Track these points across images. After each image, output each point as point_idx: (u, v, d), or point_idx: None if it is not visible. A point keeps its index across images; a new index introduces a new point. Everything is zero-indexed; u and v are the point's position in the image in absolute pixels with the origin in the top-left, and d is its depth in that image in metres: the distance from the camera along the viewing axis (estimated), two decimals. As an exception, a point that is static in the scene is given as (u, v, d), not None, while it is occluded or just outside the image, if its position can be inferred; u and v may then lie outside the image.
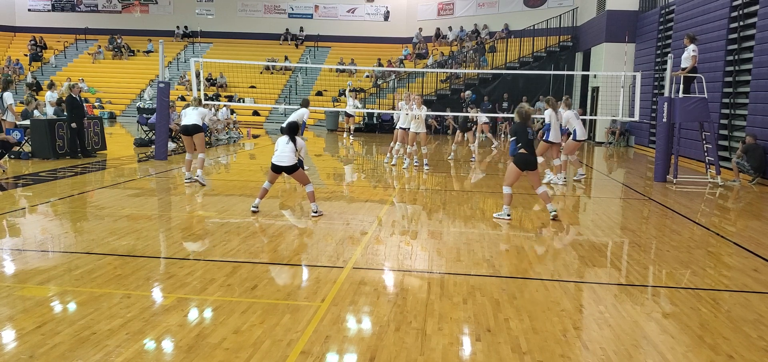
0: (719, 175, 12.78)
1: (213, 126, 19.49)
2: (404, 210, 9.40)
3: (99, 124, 15.66)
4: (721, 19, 15.96)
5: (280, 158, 8.25)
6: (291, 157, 8.21)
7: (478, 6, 33.07)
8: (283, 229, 7.66)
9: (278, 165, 8.27)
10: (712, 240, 7.84)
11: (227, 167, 14.59)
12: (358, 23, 35.95)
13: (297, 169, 8.37)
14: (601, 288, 5.71)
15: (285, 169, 8.29)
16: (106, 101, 31.08)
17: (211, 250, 6.59)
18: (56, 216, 8.27)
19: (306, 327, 4.47)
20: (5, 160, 12.19)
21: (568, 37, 27.66)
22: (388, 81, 29.96)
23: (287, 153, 8.22)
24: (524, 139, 8.21)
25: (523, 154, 8.20)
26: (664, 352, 4.23)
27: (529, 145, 8.25)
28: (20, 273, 5.66)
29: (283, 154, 8.24)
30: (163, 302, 4.95)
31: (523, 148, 8.19)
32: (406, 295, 5.24)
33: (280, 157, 8.25)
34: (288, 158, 8.21)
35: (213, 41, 35.90)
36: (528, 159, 8.25)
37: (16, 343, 4.09)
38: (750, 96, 14.21)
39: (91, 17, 37.56)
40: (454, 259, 6.49)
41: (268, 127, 27.85)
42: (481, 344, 4.27)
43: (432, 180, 12.52)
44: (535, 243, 7.30)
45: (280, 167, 8.28)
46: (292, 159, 8.23)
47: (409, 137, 14.03)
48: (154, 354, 4.01)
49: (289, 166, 8.26)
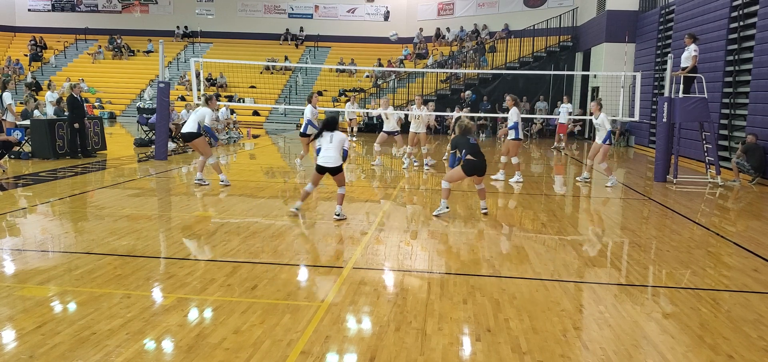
0: (719, 174, 12.78)
1: (213, 125, 19.49)
2: (404, 210, 9.40)
3: (99, 124, 15.66)
4: (721, 19, 15.96)
5: (327, 159, 7.92)
6: (337, 157, 7.92)
7: (478, 6, 33.08)
8: (283, 229, 7.66)
9: (324, 166, 7.96)
10: (712, 240, 7.84)
11: (227, 167, 14.58)
12: (358, 23, 35.96)
13: (342, 169, 8.10)
14: (601, 288, 5.71)
15: (331, 170, 7.98)
16: (106, 101, 31.08)
17: (211, 250, 6.60)
18: (56, 216, 8.27)
19: (306, 327, 4.47)
20: (5, 160, 12.19)
21: (568, 37, 27.67)
22: (388, 81, 29.96)
23: (333, 153, 7.92)
24: (468, 148, 8.26)
25: (471, 161, 8.25)
26: (664, 352, 4.23)
27: (475, 152, 8.28)
28: (20, 273, 5.66)
29: (328, 155, 7.92)
30: (163, 302, 4.95)
31: (469, 155, 8.25)
32: (406, 295, 5.24)
33: (327, 158, 7.93)
34: (334, 159, 7.92)
35: (213, 41, 35.91)
36: (476, 165, 8.30)
37: (16, 343, 4.09)
38: (750, 96, 14.21)
39: (91, 17, 37.57)
40: (454, 259, 6.49)
41: (268, 127, 27.85)
42: (481, 344, 4.27)
43: (432, 180, 12.52)
44: (535, 243, 7.30)
45: (325, 168, 7.97)
46: (338, 159, 7.94)
47: (409, 137, 14.04)
48: (154, 354, 4.01)
49: (335, 167, 7.97)
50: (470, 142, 8.33)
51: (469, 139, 8.34)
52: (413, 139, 14.03)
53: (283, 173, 13.89)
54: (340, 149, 7.99)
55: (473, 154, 8.29)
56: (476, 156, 8.30)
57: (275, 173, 13.75)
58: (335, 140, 7.98)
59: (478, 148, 8.37)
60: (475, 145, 8.34)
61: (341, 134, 8.03)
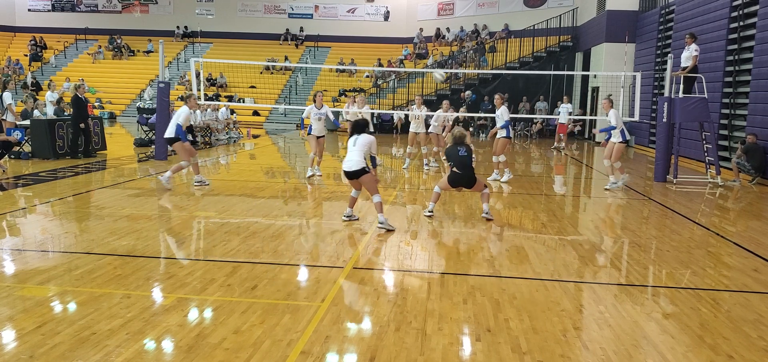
0: (719, 174, 12.78)
1: (210, 125, 19.49)
2: (404, 210, 9.40)
3: (99, 124, 15.66)
4: (721, 19, 15.96)
5: (348, 162, 7.65)
6: (359, 160, 7.56)
7: (478, 6, 33.08)
8: (283, 229, 7.66)
9: (345, 170, 7.69)
10: (712, 240, 7.84)
11: (227, 167, 14.59)
12: (358, 23, 35.96)
13: (364, 172, 7.61)
14: (601, 288, 5.71)
15: (350, 174, 7.67)
16: (106, 101, 31.08)
17: (211, 250, 6.59)
18: (56, 216, 8.27)
19: (306, 327, 4.47)
20: (5, 160, 12.19)
21: (568, 37, 27.66)
22: (388, 81, 29.96)
23: (354, 157, 7.58)
24: (456, 160, 8.12)
25: (456, 174, 8.15)
26: (664, 352, 4.23)
27: (462, 166, 8.10)
28: (20, 273, 5.66)
29: (349, 158, 7.64)
30: (163, 302, 4.95)
31: (455, 168, 8.14)
32: (406, 295, 5.24)
33: (348, 162, 7.65)
34: (354, 162, 7.58)
35: (213, 41, 35.90)
36: (460, 177, 8.16)
37: (16, 343, 4.09)
38: (750, 96, 14.21)
39: (91, 17, 37.57)
40: (454, 259, 6.49)
41: (268, 127, 27.86)
42: (481, 344, 4.27)
43: (431, 180, 12.51)
44: (535, 243, 7.29)
45: (347, 173, 7.68)
46: (360, 162, 7.56)
47: (409, 137, 14.04)
48: (154, 354, 4.01)
49: (354, 171, 7.60)
50: (459, 153, 8.12)
51: (458, 151, 8.14)
52: (413, 139, 14.01)
53: (283, 173, 13.90)
54: (363, 152, 7.63)
55: (459, 167, 8.13)
56: (462, 169, 8.13)
57: (275, 173, 13.75)
58: (359, 143, 7.66)
59: (468, 160, 8.14)
60: (464, 156, 8.11)
61: (368, 137, 7.68)
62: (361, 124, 7.92)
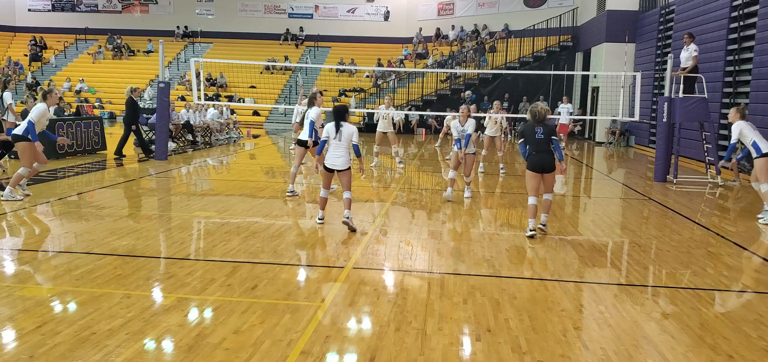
0: (719, 174, 12.78)
1: (210, 125, 19.51)
2: (404, 210, 9.40)
3: (99, 124, 15.65)
4: (721, 19, 15.96)
5: (335, 159, 7.30)
6: (348, 159, 7.30)
7: (478, 6, 33.08)
8: (283, 229, 7.66)
9: (332, 167, 7.35)
10: (712, 240, 7.84)
11: (227, 167, 14.59)
12: (358, 23, 35.96)
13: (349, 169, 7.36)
14: (601, 288, 5.71)
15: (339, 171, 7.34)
16: (106, 101, 31.08)
17: (211, 250, 6.59)
18: (56, 216, 8.27)
19: (306, 327, 4.47)
20: (5, 160, 12.18)
21: (568, 37, 27.67)
22: (388, 81, 29.95)
23: (341, 152, 7.28)
24: (532, 140, 7.38)
25: (533, 156, 7.40)
26: (664, 352, 4.23)
27: (540, 147, 7.36)
28: (20, 273, 5.66)
29: (336, 153, 7.29)
30: (163, 302, 4.95)
31: (534, 151, 7.38)
32: (406, 295, 5.23)
33: (335, 158, 7.30)
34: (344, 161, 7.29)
35: (213, 41, 35.90)
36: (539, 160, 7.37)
37: (16, 343, 4.09)
38: (750, 96, 14.21)
39: (91, 17, 37.57)
40: (454, 259, 6.49)
41: (268, 127, 27.86)
42: (481, 344, 4.27)
43: (431, 180, 12.52)
44: (535, 243, 7.29)
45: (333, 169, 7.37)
46: (348, 161, 7.30)
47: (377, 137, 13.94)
48: (154, 354, 4.01)
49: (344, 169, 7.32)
50: (537, 135, 7.35)
51: (536, 132, 7.35)
52: (381, 138, 13.89)
53: (283, 173, 13.89)
54: (350, 145, 7.35)
55: (536, 148, 7.38)
56: (539, 150, 7.37)
57: (275, 173, 13.75)
58: (344, 135, 7.30)
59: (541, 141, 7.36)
60: (541, 139, 7.35)
61: (351, 127, 7.35)
62: (342, 109, 7.50)
